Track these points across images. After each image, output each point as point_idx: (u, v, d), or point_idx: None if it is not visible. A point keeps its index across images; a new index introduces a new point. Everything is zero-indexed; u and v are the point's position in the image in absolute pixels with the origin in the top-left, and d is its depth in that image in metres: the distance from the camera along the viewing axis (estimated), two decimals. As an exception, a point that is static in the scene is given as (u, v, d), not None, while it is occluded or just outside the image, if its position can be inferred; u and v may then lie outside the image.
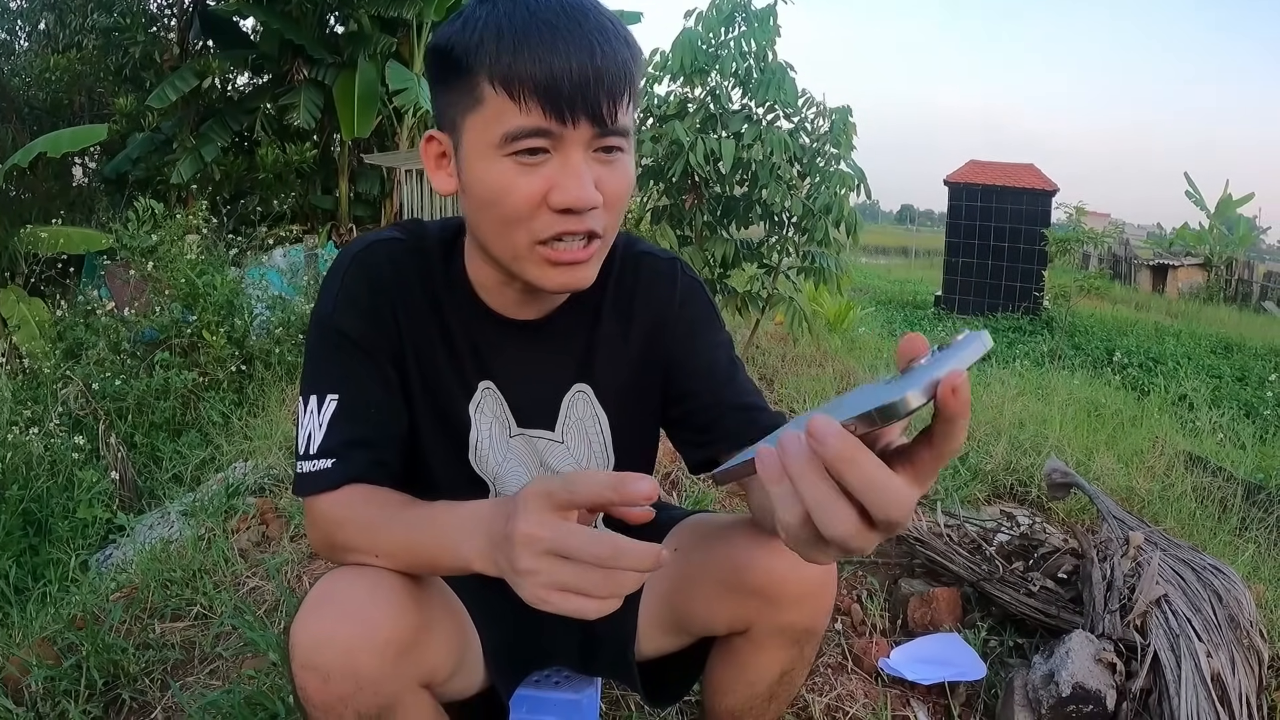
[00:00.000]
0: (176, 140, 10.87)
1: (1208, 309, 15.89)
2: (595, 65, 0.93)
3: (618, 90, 0.95)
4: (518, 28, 0.93)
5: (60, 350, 5.56)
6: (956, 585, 2.33)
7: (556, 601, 0.77)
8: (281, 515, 3.01)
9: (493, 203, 0.99)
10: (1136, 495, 3.36)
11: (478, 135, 0.98)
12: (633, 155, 1.05)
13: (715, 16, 5.30)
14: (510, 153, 0.96)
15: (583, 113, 0.94)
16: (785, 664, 1.25)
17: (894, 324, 11.15)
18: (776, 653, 1.23)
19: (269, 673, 1.96)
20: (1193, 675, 1.75)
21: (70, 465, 3.90)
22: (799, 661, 1.26)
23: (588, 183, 0.96)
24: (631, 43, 0.98)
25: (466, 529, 0.90)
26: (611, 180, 1.00)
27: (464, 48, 0.96)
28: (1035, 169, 14.00)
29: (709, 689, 1.33)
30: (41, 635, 2.23)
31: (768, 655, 1.23)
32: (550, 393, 1.21)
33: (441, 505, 0.97)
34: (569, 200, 0.96)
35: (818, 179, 5.23)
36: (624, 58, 0.96)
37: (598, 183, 0.98)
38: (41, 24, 12.98)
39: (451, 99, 1.00)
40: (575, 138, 0.95)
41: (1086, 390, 5.80)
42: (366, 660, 0.95)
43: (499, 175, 0.97)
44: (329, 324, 1.11)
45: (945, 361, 0.58)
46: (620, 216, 1.06)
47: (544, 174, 0.96)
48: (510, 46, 0.93)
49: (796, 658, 1.25)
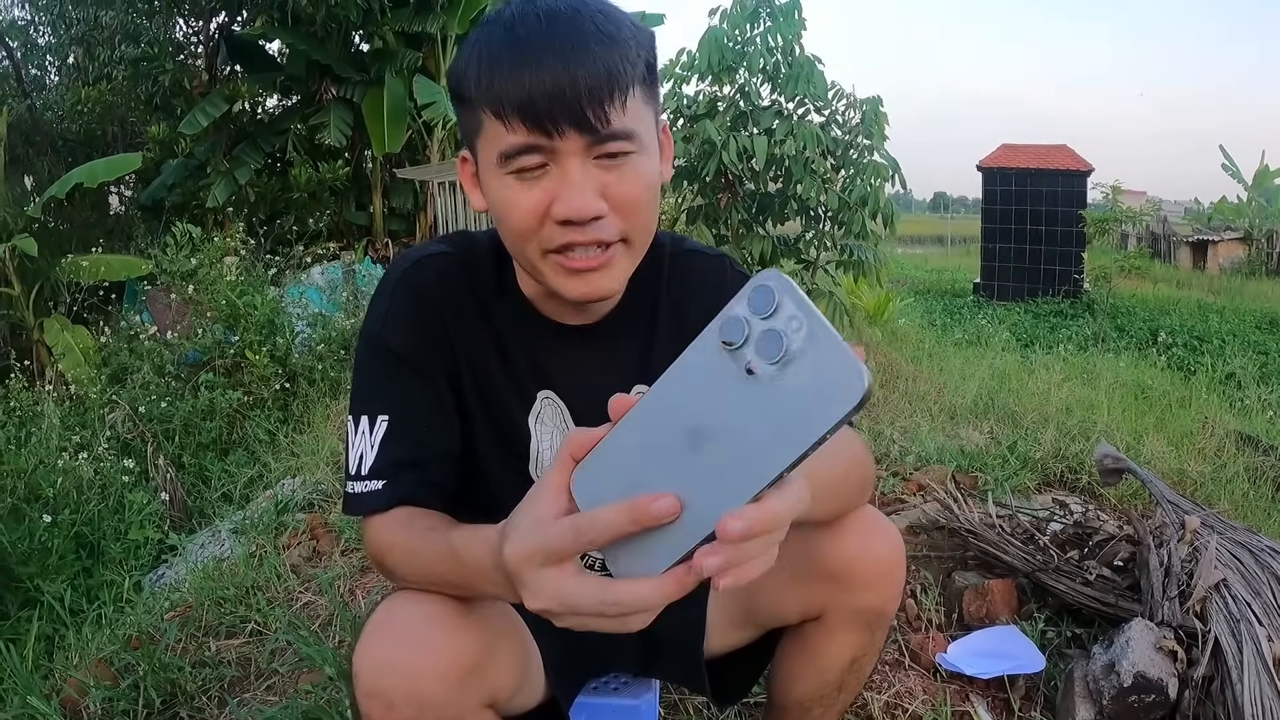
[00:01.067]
0: (210, 164, 11.00)
1: (1250, 283, 15.64)
2: (570, 74, 0.91)
3: (600, 95, 0.93)
4: (495, 50, 0.95)
5: (105, 376, 5.66)
6: (1011, 576, 2.30)
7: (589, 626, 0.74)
8: (331, 530, 3.03)
9: (504, 218, 1.00)
10: (1188, 478, 3.31)
11: (485, 156, 1.00)
12: (652, 152, 1.02)
13: (740, 13, 5.30)
14: (509, 171, 0.97)
15: (567, 123, 0.93)
16: (857, 649, 1.23)
17: (934, 314, 11.06)
18: (848, 637, 1.21)
19: (326, 687, 1.97)
20: (1254, 660, 1.71)
21: (120, 488, 3.96)
22: (869, 647, 1.25)
23: (586, 192, 0.96)
24: (620, 40, 0.96)
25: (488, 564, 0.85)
26: (619, 185, 0.98)
27: (458, 76, 0.99)
28: (1069, 149, 13.84)
29: (777, 680, 1.31)
30: (98, 656, 2.27)
31: (840, 641, 1.22)
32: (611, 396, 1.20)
33: (463, 538, 0.93)
34: (568, 211, 0.96)
35: (851, 171, 5.21)
36: (607, 61, 0.93)
37: (604, 189, 0.97)
38: (71, 58, 13.22)
39: (464, 123, 1.03)
40: (568, 148, 0.95)
41: (1132, 372, 5.73)
42: (430, 686, 0.94)
43: (503, 193, 0.98)
44: (378, 342, 1.10)
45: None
46: (644, 218, 1.03)
47: (544, 187, 0.97)
48: (489, 70, 0.94)
49: (868, 643, 1.24)
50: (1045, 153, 13.80)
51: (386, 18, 10.53)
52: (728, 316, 0.60)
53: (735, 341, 0.59)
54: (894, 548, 1.17)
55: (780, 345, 0.58)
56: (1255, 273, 17.54)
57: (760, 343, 0.58)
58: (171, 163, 11.51)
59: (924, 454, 3.41)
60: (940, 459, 3.34)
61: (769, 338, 0.58)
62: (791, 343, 0.57)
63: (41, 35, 13.89)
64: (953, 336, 8.14)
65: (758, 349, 0.58)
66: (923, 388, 4.79)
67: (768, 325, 0.58)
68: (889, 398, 4.60)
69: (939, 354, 6.31)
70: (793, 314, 0.58)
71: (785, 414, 0.58)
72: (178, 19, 11.92)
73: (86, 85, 11.94)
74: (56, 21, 12.75)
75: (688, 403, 0.62)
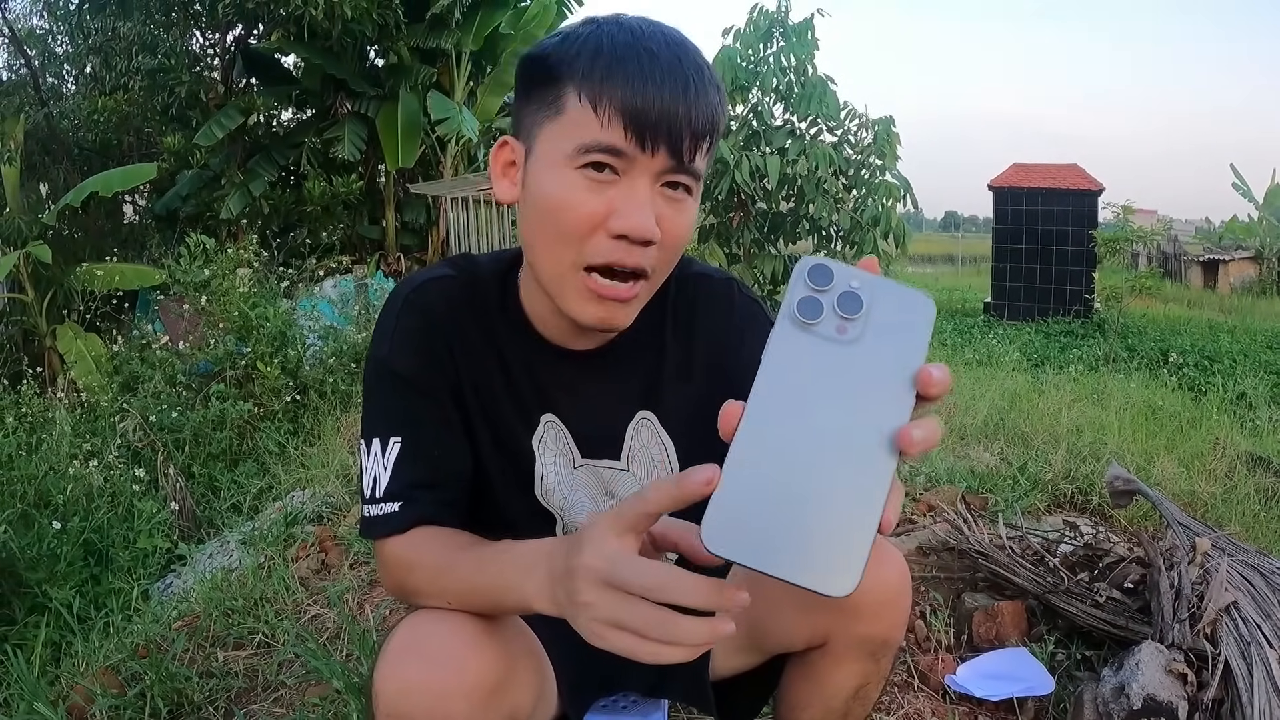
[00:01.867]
0: (225, 176, 11.06)
1: (1261, 303, 15.56)
2: (687, 102, 0.94)
3: (702, 131, 0.96)
4: (618, 48, 0.95)
5: (117, 384, 5.68)
6: (1021, 598, 2.29)
7: (611, 639, 0.75)
8: (340, 543, 3.03)
9: (553, 214, 0.99)
10: (1199, 499, 3.29)
11: (552, 143, 0.98)
12: (698, 204, 1.04)
13: (753, 33, 5.32)
14: (581, 165, 0.96)
15: (664, 143, 0.94)
16: (862, 678, 1.22)
17: (944, 333, 11.02)
18: (854, 665, 1.20)
19: (333, 700, 1.97)
20: (1265, 683, 1.70)
21: (130, 496, 3.97)
22: (875, 676, 1.24)
23: (650, 214, 0.96)
24: (722, 92, 1.00)
25: (527, 567, 0.88)
26: (674, 220, 0.99)
27: (559, 58, 0.97)
28: (1080, 169, 13.81)
29: (783, 706, 1.31)
30: (105, 664, 2.27)
31: (845, 669, 1.21)
32: (614, 422, 1.20)
33: (503, 545, 0.96)
34: (628, 226, 0.95)
35: (863, 191, 5.22)
36: (714, 103, 0.97)
37: (660, 219, 0.97)
38: (88, 67, 13.29)
39: (533, 107, 1.01)
40: (648, 166, 0.95)
41: (1143, 393, 5.70)
42: (455, 706, 0.93)
43: (565, 187, 0.97)
44: (386, 366, 1.11)
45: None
46: (673, 261, 1.06)
47: (609, 196, 0.96)
48: (606, 64, 0.94)
49: (873, 671, 1.23)
50: (1056, 172, 13.78)
51: (402, 33, 10.59)
52: (798, 300, 0.64)
53: (816, 318, 0.64)
54: (900, 576, 1.17)
55: (859, 301, 0.64)
56: (1266, 292, 17.45)
57: (840, 305, 0.64)
58: (186, 174, 11.58)
59: (934, 475, 3.40)
60: (950, 480, 3.34)
61: (847, 299, 0.64)
62: (864, 296, 0.64)
63: (60, 44, 13.97)
64: (963, 356, 8.11)
65: (841, 312, 0.64)
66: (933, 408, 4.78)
67: (838, 291, 0.64)
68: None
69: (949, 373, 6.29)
70: (849, 275, 0.65)
71: (888, 354, 0.64)
72: (194, 31, 12.00)
73: (103, 95, 12.00)
74: (75, 31, 12.82)
75: (797, 391, 0.64)
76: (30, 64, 13.28)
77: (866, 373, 0.63)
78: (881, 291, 0.64)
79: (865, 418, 0.63)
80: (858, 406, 0.63)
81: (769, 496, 0.62)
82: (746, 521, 0.62)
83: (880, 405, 0.63)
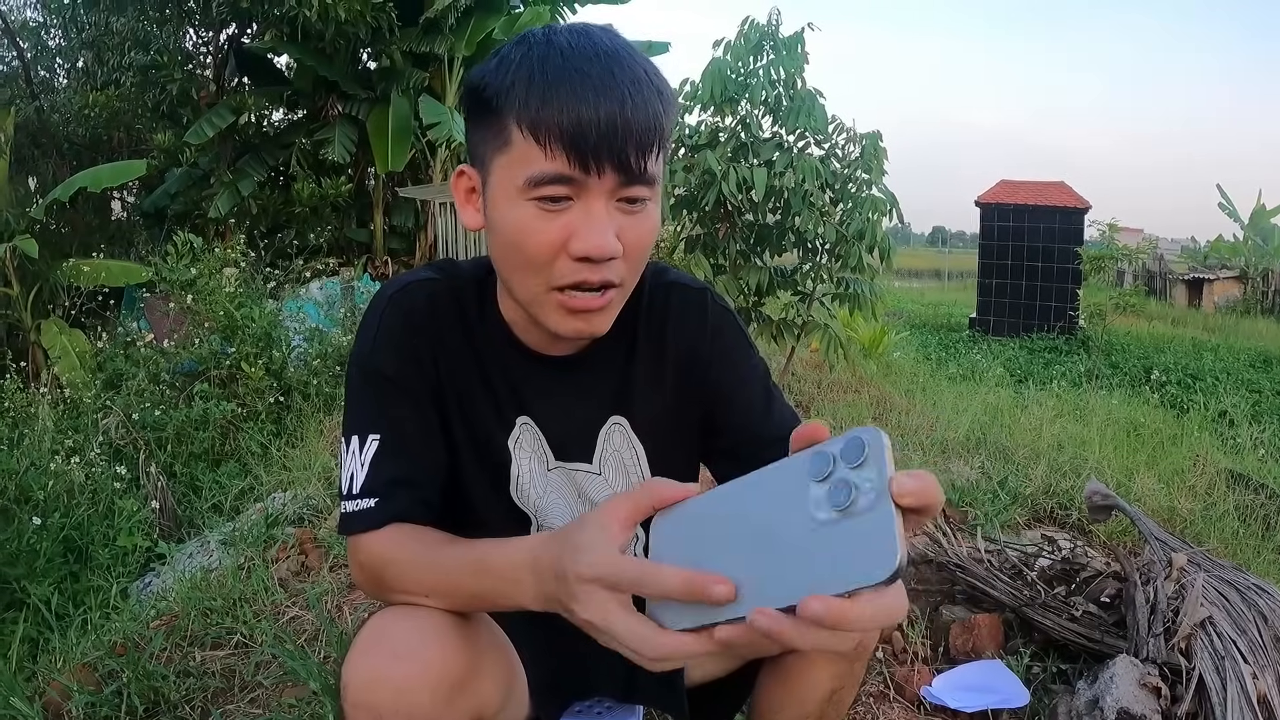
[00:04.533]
0: (214, 175, 11.03)
1: (1245, 322, 15.67)
2: (625, 116, 0.93)
3: (646, 141, 0.95)
4: (549, 74, 0.94)
5: (100, 381, 5.65)
6: (998, 611, 2.31)
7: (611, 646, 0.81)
8: (321, 545, 3.03)
9: (514, 245, 1.00)
10: (1178, 515, 3.32)
11: (503, 176, 0.99)
12: (659, 203, 1.05)
13: (744, 45, 5.34)
14: (533, 197, 0.96)
15: (609, 163, 0.94)
16: (836, 681, 1.23)
17: (929, 348, 11.08)
18: (828, 669, 1.21)
19: (310, 702, 1.97)
20: (1238, 698, 1.72)
21: (111, 494, 3.95)
22: (849, 679, 1.25)
23: (608, 232, 0.97)
24: (665, 92, 0.99)
25: (517, 571, 0.91)
26: (634, 230, 1.00)
27: (495, 89, 0.97)
28: (1066, 186, 13.90)
29: (758, 710, 1.31)
30: (82, 661, 2.26)
31: (819, 672, 1.21)
32: (586, 426, 1.22)
33: (488, 544, 0.97)
34: (588, 249, 0.96)
35: (850, 205, 5.24)
36: (655, 109, 0.96)
37: (619, 233, 0.98)
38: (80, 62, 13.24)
39: (482, 137, 1.01)
40: (599, 187, 0.96)
41: (1125, 410, 5.74)
42: (420, 699, 0.95)
43: (521, 218, 0.98)
44: (368, 365, 1.12)
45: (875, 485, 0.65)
46: (641, 266, 1.07)
47: (565, 221, 0.97)
48: (539, 92, 0.93)
49: (846, 674, 1.24)
50: (1043, 189, 13.86)
51: (395, 37, 10.59)
52: (822, 451, 0.68)
53: (819, 475, 0.67)
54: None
55: (847, 497, 0.65)
56: (1250, 311, 17.56)
57: (834, 487, 0.66)
58: (175, 171, 11.55)
59: (915, 487, 3.41)
60: (931, 492, 3.34)
61: (841, 487, 0.65)
62: (857, 500, 0.64)
63: (52, 38, 13.92)
64: (947, 371, 8.15)
65: (830, 492, 0.66)
66: (915, 421, 4.81)
67: (847, 475, 0.65)
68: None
69: (933, 388, 6.33)
70: (869, 475, 0.64)
71: (827, 557, 0.65)
72: (188, 29, 11.96)
73: (95, 90, 11.95)
74: (68, 25, 12.78)
75: (763, 505, 0.71)
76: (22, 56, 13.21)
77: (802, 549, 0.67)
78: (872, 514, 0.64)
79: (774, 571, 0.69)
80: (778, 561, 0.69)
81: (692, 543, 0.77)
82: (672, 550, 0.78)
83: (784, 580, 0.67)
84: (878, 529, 0.63)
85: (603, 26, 1.01)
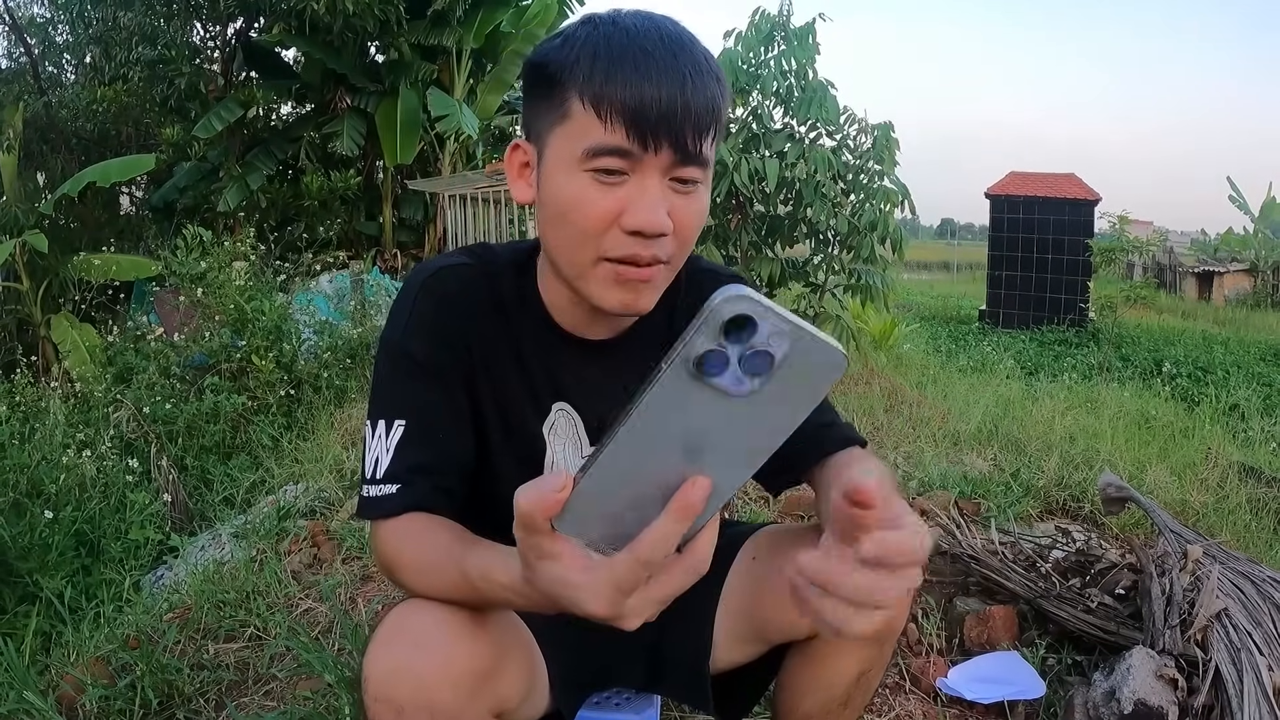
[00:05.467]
0: (223, 169, 11.07)
1: (1255, 315, 15.59)
2: (685, 97, 0.95)
3: (703, 124, 0.97)
4: (614, 50, 0.96)
5: (111, 375, 5.67)
6: (1013, 603, 2.30)
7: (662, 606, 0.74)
8: (333, 538, 3.03)
9: (567, 215, 1.01)
10: (1191, 508, 3.30)
11: (561, 148, 1.00)
12: (709, 187, 1.06)
13: (755, 36, 5.33)
14: (590, 168, 0.98)
15: (666, 141, 0.96)
16: (865, 663, 1.23)
17: (939, 340, 11.05)
18: (857, 651, 1.21)
19: (324, 694, 1.97)
20: (1255, 690, 1.71)
21: (122, 487, 3.96)
22: (877, 662, 1.25)
23: (661, 209, 0.98)
24: (723, 80, 1.01)
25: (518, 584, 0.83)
26: (685, 210, 1.01)
27: (559, 64, 0.99)
28: (1077, 178, 13.84)
29: (783, 694, 1.31)
30: (96, 654, 2.26)
31: (848, 655, 1.21)
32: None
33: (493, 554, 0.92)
34: (640, 223, 0.97)
35: (861, 196, 5.23)
36: (713, 93, 0.98)
37: (671, 211, 0.99)
38: (88, 57, 13.27)
39: (541, 111, 1.03)
40: (654, 164, 0.97)
41: (1136, 402, 5.72)
42: (442, 693, 0.94)
43: (577, 189, 0.99)
44: (399, 349, 1.12)
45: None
46: (689, 247, 1.07)
47: (620, 194, 0.98)
48: (604, 67, 0.95)
49: (875, 657, 1.24)
50: (1053, 181, 13.81)
51: (403, 29, 10.60)
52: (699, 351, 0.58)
53: (716, 373, 0.59)
54: None
55: (769, 361, 0.59)
56: (1261, 304, 17.49)
57: (747, 362, 0.59)
58: (184, 165, 11.59)
59: (927, 480, 3.41)
60: (944, 485, 3.34)
61: (757, 358, 0.59)
62: (778, 353, 0.58)
63: (60, 33, 13.96)
64: (957, 363, 8.13)
65: (748, 369, 0.59)
66: (927, 413, 4.79)
67: (751, 346, 0.58)
68: (893, 423, 4.59)
69: (943, 380, 6.31)
70: (771, 327, 0.58)
71: (774, 413, 0.62)
72: (195, 23, 12.00)
73: (103, 85, 11.99)
74: (75, 20, 12.80)
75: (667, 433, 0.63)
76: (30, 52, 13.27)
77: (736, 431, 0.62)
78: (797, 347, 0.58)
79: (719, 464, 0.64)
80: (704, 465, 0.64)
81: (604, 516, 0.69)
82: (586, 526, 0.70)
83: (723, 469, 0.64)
84: (812, 347, 0.59)
85: (664, 15, 1.03)
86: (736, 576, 1.28)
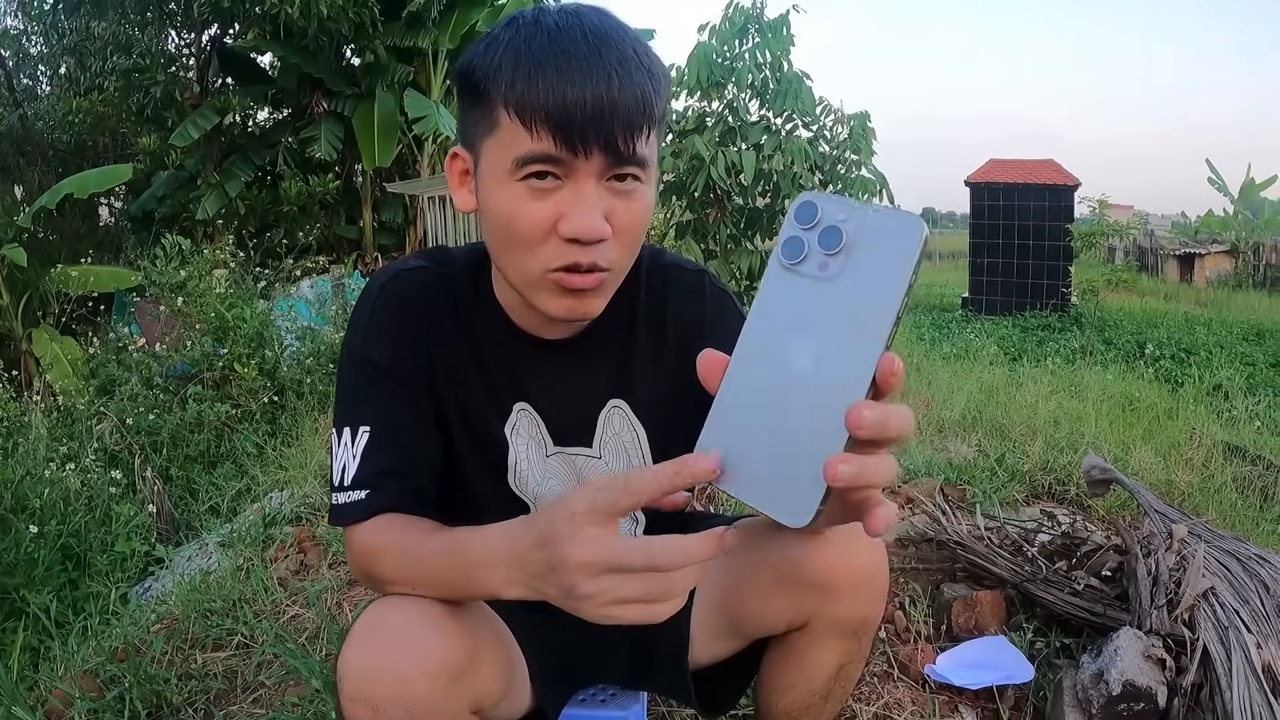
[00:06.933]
0: (200, 177, 11.00)
1: (1237, 295, 15.69)
2: (611, 96, 0.92)
3: (634, 122, 0.95)
4: (535, 55, 0.93)
5: (93, 387, 5.63)
6: (999, 588, 2.30)
7: (619, 614, 0.76)
8: (319, 543, 3.02)
9: (505, 226, 0.99)
10: (1176, 488, 3.32)
11: (493, 158, 0.99)
12: (653, 184, 1.04)
13: (729, 29, 5.34)
14: (521, 178, 0.96)
15: (595, 144, 0.93)
16: (843, 656, 1.23)
17: (922, 328, 11.08)
18: (835, 644, 1.21)
19: (312, 700, 1.97)
20: (1243, 667, 1.72)
21: (107, 500, 3.93)
22: (856, 655, 1.25)
23: (597, 214, 0.96)
24: (655, 72, 0.98)
25: (492, 556, 0.89)
26: (625, 212, 0.99)
27: (483, 72, 0.97)
28: (1056, 164, 13.90)
29: (764, 690, 1.31)
30: (84, 668, 2.25)
31: (826, 649, 1.21)
32: (586, 410, 1.21)
33: (467, 532, 0.95)
34: (576, 230, 0.95)
35: (840, 186, 5.24)
36: (644, 89, 0.95)
37: (610, 214, 0.98)
38: (62, 68, 13.21)
39: (472, 120, 1.01)
40: (587, 168, 0.95)
41: (1120, 385, 5.75)
42: (418, 689, 0.94)
43: (510, 200, 0.97)
44: (360, 355, 1.12)
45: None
46: (635, 248, 1.06)
47: (554, 201, 0.96)
48: (525, 74, 0.93)
49: (854, 650, 1.24)
50: (1032, 167, 13.86)
51: (378, 32, 10.56)
52: (783, 241, 0.66)
53: (798, 257, 0.65)
54: (876, 554, 1.17)
55: (839, 235, 0.64)
56: (1242, 285, 17.61)
57: (822, 240, 0.65)
58: (162, 174, 11.51)
59: (912, 467, 3.42)
60: (929, 472, 3.35)
61: (828, 234, 0.65)
62: (848, 228, 0.64)
63: (34, 45, 13.86)
64: (941, 350, 8.15)
65: (822, 246, 0.65)
66: (911, 401, 4.80)
67: (820, 224, 0.65)
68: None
69: (927, 368, 6.33)
70: (837, 209, 0.65)
71: (869, 286, 0.64)
72: (170, 31, 11.94)
73: (78, 95, 11.93)
74: (49, 31, 12.73)
75: (779, 331, 0.67)
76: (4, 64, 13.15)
77: (840, 311, 0.64)
78: (869, 221, 0.64)
79: (831, 360, 0.65)
80: (827, 348, 0.65)
81: (745, 432, 0.68)
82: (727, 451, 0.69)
83: (846, 348, 0.64)
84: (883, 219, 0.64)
85: (593, 6, 1.00)
86: (711, 571, 1.28)
